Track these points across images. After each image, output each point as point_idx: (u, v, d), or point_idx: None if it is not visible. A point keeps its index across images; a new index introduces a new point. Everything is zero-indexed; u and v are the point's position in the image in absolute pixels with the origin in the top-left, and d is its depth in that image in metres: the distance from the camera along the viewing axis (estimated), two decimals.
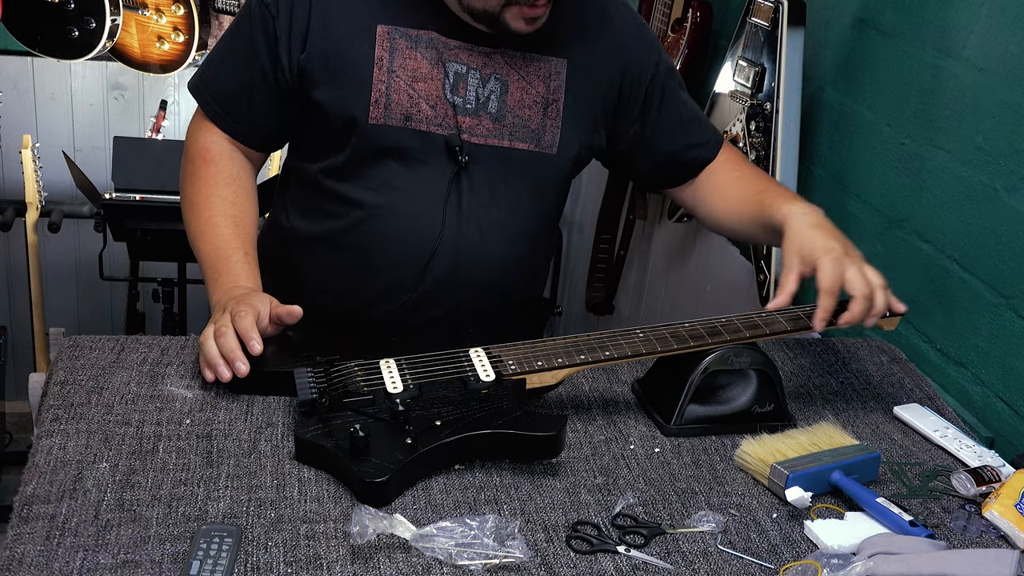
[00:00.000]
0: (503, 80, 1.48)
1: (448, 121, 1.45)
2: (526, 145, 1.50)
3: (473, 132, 1.47)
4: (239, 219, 1.48)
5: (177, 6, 2.68)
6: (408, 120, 1.45)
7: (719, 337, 1.36)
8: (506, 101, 1.48)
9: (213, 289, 1.42)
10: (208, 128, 1.52)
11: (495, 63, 1.47)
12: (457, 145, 1.46)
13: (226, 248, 1.45)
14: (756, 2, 2.10)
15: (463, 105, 1.46)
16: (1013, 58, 1.57)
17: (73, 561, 1.01)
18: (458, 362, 1.31)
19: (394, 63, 1.43)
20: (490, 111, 1.47)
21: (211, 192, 1.49)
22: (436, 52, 1.45)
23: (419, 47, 1.44)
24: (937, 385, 1.64)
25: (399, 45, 1.44)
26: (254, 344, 1.27)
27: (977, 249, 1.63)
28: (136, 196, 2.53)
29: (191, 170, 1.52)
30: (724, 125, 2.26)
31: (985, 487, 1.29)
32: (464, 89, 1.46)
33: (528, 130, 1.50)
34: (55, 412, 1.24)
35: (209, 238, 1.46)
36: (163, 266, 2.76)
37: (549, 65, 1.50)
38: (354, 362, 1.30)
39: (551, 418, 1.23)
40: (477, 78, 1.46)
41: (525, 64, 1.49)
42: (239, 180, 1.52)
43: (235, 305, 1.32)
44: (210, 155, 1.51)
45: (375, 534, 1.05)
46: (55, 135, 3.01)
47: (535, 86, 1.49)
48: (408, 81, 1.44)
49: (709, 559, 1.12)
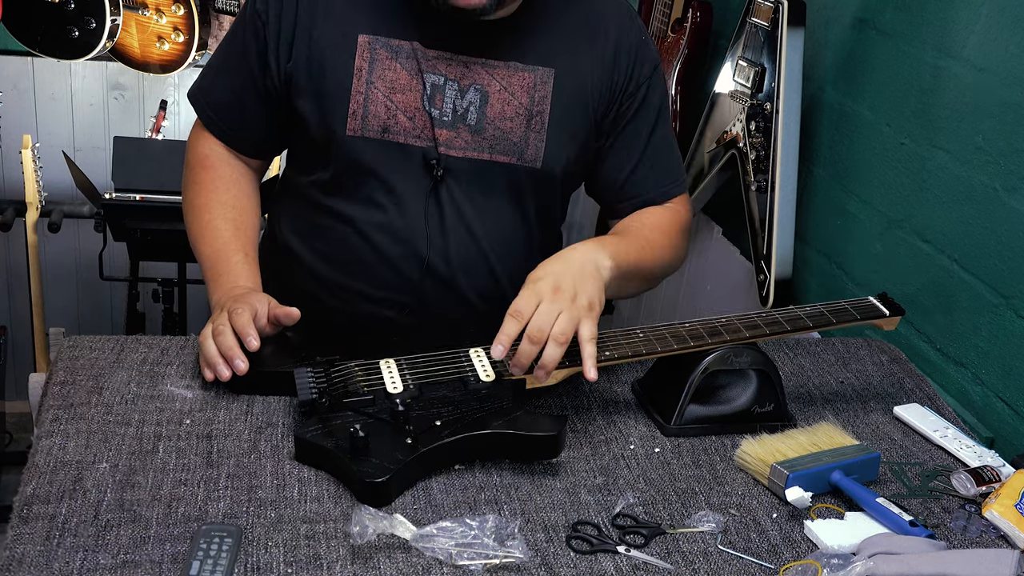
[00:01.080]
0: (483, 91, 1.43)
1: (426, 133, 1.42)
2: (507, 158, 1.45)
3: (451, 145, 1.43)
4: (239, 222, 1.48)
5: (177, 6, 2.68)
6: (385, 132, 1.42)
7: (719, 337, 1.36)
8: (486, 113, 1.43)
9: (213, 290, 1.42)
10: (206, 135, 1.53)
11: (475, 74, 1.43)
12: (434, 158, 1.42)
13: (226, 250, 1.44)
14: (756, 2, 2.10)
15: (440, 117, 1.42)
16: (1013, 58, 1.57)
17: (73, 561, 1.01)
18: (458, 362, 1.31)
19: (373, 74, 1.41)
20: (469, 123, 1.43)
21: (211, 197, 1.49)
22: (415, 63, 1.41)
23: (399, 57, 1.41)
24: (937, 385, 1.64)
25: (379, 55, 1.41)
26: (251, 340, 1.27)
27: (977, 249, 1.63)
28: (136, 196, 2.53)
29: (192, 176, 1.53)
30: (724, 125, 2.26)
31: (985, 487, 1.29)
32: (441, 101, 1.42)
33: (509, 143, 1.44)
34: (55, 412, 1.24)
35: (209, 240, 1.46)
36: (163, 266, 2.76)
37: (535, 75, 1.44)
38: (354, 362, 1.30)
39: (551, 418, 1.23)
40: (455, 89, 1.42)
41: (508, 75, 1.44)
42: (239, 184, 1.52)
43: (233, 304, 1.31)
44: (209, 161, 1.52)
45: (375, 534, 1.05)
46: (55, 135, 3.01)
47: (518, 97, 1.44)
48: (386, 92, 1.41)
49: (709, 559, 1.12)
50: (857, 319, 1.45)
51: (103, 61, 2.91)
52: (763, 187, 2.08)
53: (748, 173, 2.15)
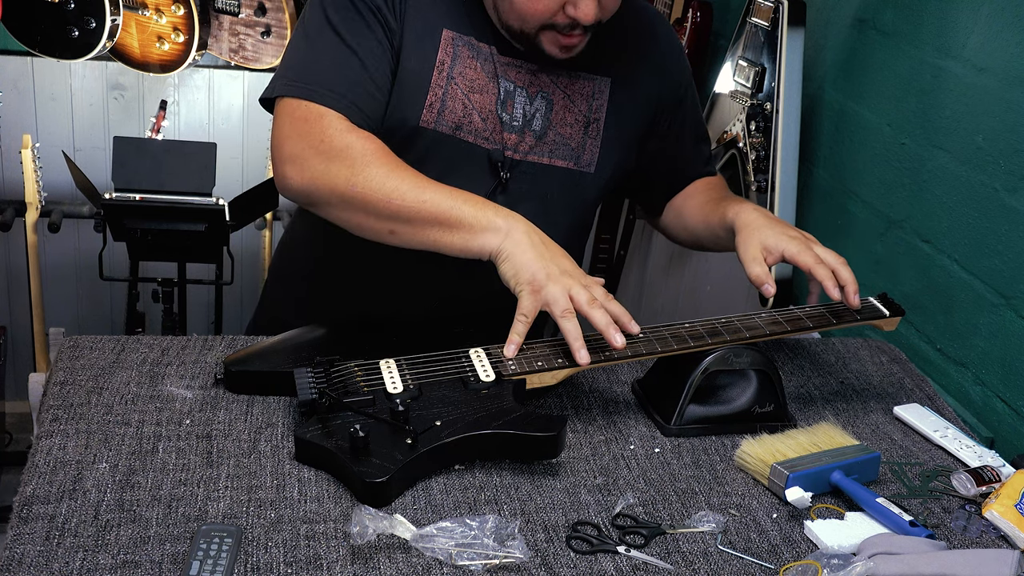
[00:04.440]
0: (548, 98, 1.48)
1: (495, 136, 1.45)
2: (565, 163, 1.50)
3: (516, 149, 1.47)
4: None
5: (177, 6, 2.68)
6: (458, 129, 1.43)
7: (719, 337, 1.36)
8: (550, 119, 1.48)
9: (487, 207, 1.30)
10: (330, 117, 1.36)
11: (541, 81, 1.47)
12: (499, 160, 1.45)
13: (443, 186, 1.32)
14: (756, 2, 2.10)
15: (510, 122, 1.45)
16: (1013, 58, 1.57)
17: (73, 561, 1.01)
18: (458, 362, 1.31)
19: (454, 69, 1.42)
20: (534, 129, 1.47)
21: (391, 158, 1.34)
22: (492, 66, 1.44)
23: (479, 58, 1.44)
24: (937, 385, 1.64)
25: (462, 53, 1.43)
26: (632, 325, 1.28)
27: (977, 249, 1.63)
28: (136, 196, 2.53)
29: (354, 152, 1.33)
30: (724, 125, 2.26)
31: (985, 487, 1.29)
32: (512, 107, 1.46)
33: (568, 148, 1.50)
34: (55, 412, 1.24)
35: (424, 184, 1.32)
36: (163, 266, 2.75)
37: (593, 84, 1.50)
38: (354, 362, 1.30)
39: (551, 418, 1.23)
40: (524, 96, 1.46)
41: (570, 83, 1.49)
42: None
43: (581, 278, 1.28)
44: (363, 135, 1.36)
45: (375, 534, 1.05)
46: (55, 135, 3.01)
47: (578, 104, 1.49)
48: (465, 90, 1.43)
49: (709, 559, 1.12)
50: (857, 319, 1.45)
51: (103, 61, 2.91)
52: (763, 187, 2.09)
53: (748, 173, 2.15)
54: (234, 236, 2.59)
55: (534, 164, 1.48)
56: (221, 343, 1.43)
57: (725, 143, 2.25)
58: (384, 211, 1.31)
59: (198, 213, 2.50)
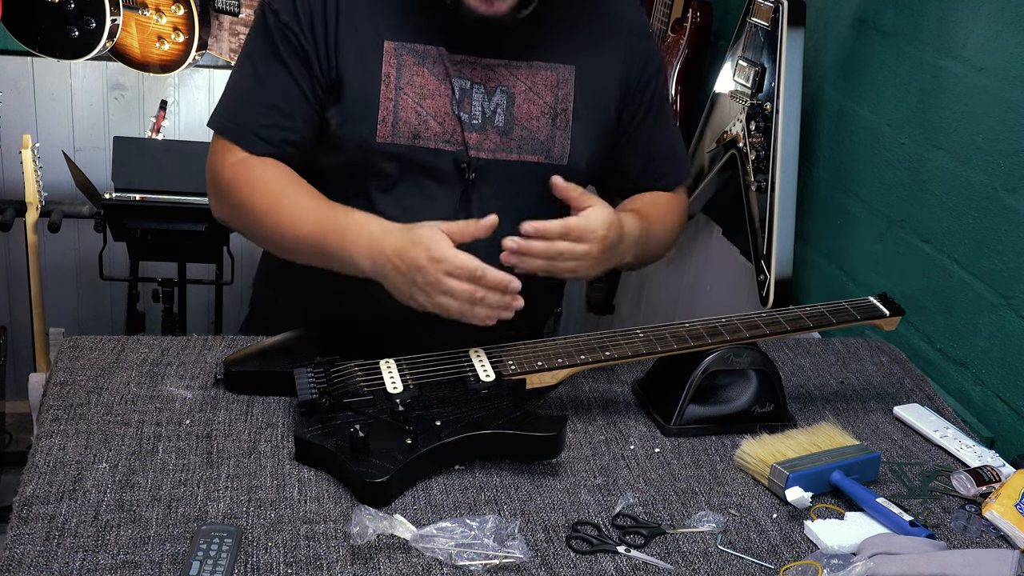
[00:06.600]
0: (509, 92, 1.44)
1: (456, 137, 1.43)
2: (536, 157, 1.46)
3: (480, 147, 1.44)
4: (311, 192, 1.40)
5: (177, 6, 2.68)
6: (416, 138, 1.42)
7: (719, 337, 1.36)
8: (513, 113, 1.44)
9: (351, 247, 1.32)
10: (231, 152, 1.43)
11: (500, 75, 1.44)
12: (464, 162, 1.43)
13: (328, 211, 1.35)
14: (756, 2, 2.10)
15: (469, 121, 1.43)
16: (1013, 58, 1.57)
17: (73, 561, 1.01)
18: (458, 362, 1.31)
19: (402, 80, 1.40)
20: (497, 125, 1.44)
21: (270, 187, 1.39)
22: (443, 67, 1.42)
23: (426, 63, 1.41)
24: (937, 385, 1.64)
25: (406, 61, 1.41)
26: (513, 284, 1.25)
27: (977, 249, 1.63)
28: (136, 196, 2.53)
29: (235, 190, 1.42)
30: (724, 125, 2.26)
31: (985, 487, 1.29)
32: (470, 104, 1.43)
33: (537, 142, 1.46)
34: (55, 412, 1.24)
35: (301, 217, 1.36)
36: (163, 266, 2.76)
37: (556, 73, 1.46)
38: (354, 362, 1.30)
39: (551, 418, 1.23)
40: (482, 92, 1.43)
41: (531, 73, 1.45)
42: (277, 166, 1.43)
43: (422, 251, 1.26)
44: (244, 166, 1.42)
45: (375, 534, 1.05)
46: (55, 135, 3.01)
47: (543, 96, 1.46)
48: (416, 98, 1.41)
49: (709, 559, 1.12)
50: (857, 319, 1.45)
51: (103, 61, 2.91)
52: (763, 187, 2.08)
53: (748, 173, 2.15)
54: (234, 236, 2.59)
55: (502, 162, 1.45)
56: (221, 343, 1.43)
57: (725, 143, 2.25)
58: (277, 247, 1.43)
59: (198, 213, 2.50)
